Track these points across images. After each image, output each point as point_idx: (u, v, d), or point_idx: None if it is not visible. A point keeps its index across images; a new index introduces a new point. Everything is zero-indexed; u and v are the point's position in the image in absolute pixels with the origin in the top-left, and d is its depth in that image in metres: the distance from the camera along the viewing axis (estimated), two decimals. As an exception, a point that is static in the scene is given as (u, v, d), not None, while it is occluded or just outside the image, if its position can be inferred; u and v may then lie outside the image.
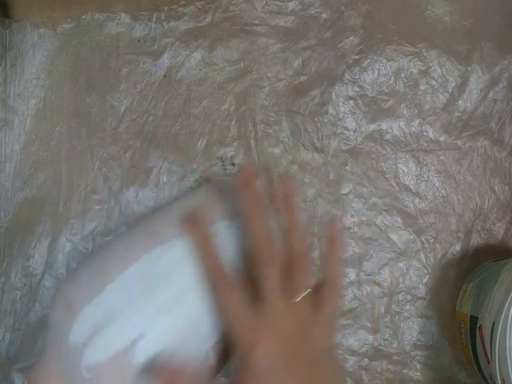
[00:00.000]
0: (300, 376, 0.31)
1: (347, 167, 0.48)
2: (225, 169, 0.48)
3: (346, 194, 0.48)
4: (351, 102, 0.49)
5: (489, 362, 0.39)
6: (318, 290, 0.33)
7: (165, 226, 0.35)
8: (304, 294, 0.32)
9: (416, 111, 0.49)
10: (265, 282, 0.32)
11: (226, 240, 0.34)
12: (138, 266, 0.32)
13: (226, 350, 0.34)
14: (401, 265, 0.47)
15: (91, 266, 0.34)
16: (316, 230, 0.47)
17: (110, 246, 0.36)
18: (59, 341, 0.32)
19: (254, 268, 0.32)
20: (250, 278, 0.33)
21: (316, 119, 0.48)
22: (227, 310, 0.32)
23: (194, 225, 0.33)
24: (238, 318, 0.31)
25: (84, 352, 0.30)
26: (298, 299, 0.32)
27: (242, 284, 0.32)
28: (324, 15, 0.49)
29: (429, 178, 0.48)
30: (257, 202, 0.34)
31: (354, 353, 0.46)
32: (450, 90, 0.49)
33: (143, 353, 0.30)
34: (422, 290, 0.47)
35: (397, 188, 0.48)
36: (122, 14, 0.49)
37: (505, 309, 0.36)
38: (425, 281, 0.47)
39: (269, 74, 0.49)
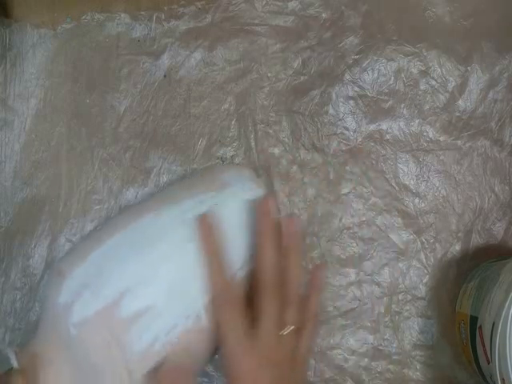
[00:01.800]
0: None
1: (347, 167, 0.48)
2: (225, 169, 0.48)
3: (345, 194, 0.48)
4: (351, 101, 0.48)
5: (489, 362, 0.39)
6: (300, 324, 0.36)
7: (154, 200, 0.36)
8: (291, 328, 0.35)
9: (416, 111, 0.48)
10: (264, 313, 0.34)
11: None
12: (127, 232, 0.33)
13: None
14: (401, 265, 0.47)
15: (83, 242, 0.36)
16: (316, 229, 0.47)
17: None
18: (51, 305, 0.32)
19: (257, 293, 0.34)
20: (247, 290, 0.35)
21: (316, 119, 0.48)
22: (225, 325, 0.33)
23: (203, 232, 0.34)
24: (234, 338, 0.33)
25: (73, 308, 0.31)
26: (286, 332, 0.34)
27: (241, 301, 0.34)
28: (324, 15, 0.49)
29: (429, 178, 0.48)
30: (271, 233, 0.35)
31: (353, 353, 0.46)
32: (450, 90, 0.49)
33: (131, 306, 0.31)
34: (421, 290, 0.47)
35: (397, 188, 0.48)
36: (122, 14, 0.49)
37: (505, 309, 0.36)
38: (425, 281, 0.47)
39: (269, 74, 0.49)
